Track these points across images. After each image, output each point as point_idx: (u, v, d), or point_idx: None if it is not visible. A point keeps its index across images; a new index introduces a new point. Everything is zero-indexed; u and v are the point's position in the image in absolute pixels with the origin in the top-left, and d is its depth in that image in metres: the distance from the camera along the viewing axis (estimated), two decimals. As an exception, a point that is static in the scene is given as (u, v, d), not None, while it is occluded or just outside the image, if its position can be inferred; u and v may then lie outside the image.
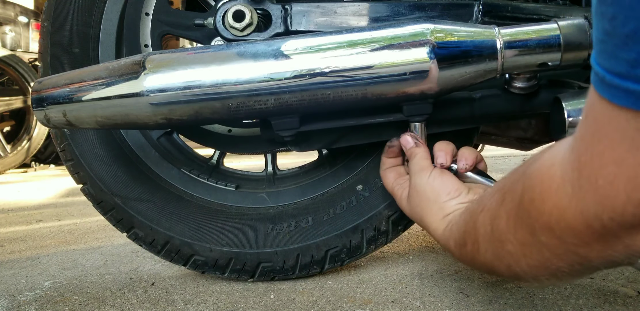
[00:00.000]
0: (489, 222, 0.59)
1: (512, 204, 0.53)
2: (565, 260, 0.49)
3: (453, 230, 0.72)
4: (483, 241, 0.61)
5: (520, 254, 0.53)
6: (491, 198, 0.60)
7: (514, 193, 0.53)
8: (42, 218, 1.92)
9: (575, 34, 0.78)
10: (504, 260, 0.57)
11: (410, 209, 0.85)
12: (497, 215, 0.56)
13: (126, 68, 0.78)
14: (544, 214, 0.47)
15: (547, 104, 0.88)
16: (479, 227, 0.61)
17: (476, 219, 0.63)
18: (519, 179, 0.53)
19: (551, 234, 0.47)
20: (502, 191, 0.57)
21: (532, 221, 0.49)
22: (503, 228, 0.55)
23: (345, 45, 0.78)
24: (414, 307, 0.90)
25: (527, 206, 0.49)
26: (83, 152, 1.01)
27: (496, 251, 0.58)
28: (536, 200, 0.47)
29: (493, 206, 0.58)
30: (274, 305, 0.93)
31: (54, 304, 0.97)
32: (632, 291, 0.93)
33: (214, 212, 1.03)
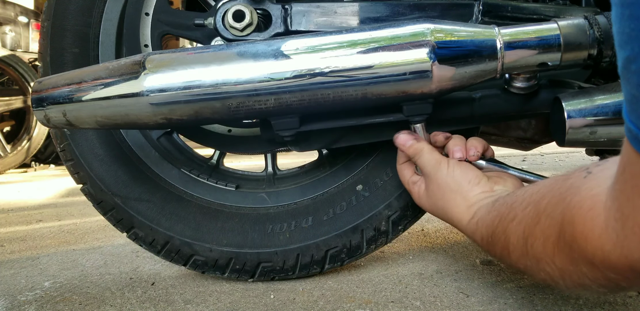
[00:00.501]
0: (522, 236, 0.61)
1: (551, 230, 0.55)
2: (605, 286, 0.51)
3: (479, 225, 0.74)
4: (515, 250, 0.63)
5: (558, 276, 0.56)
6: (524, 210, 0.61)
7: (552, 219, 0.54)
8: (42, 218, 1.92)
9: (575, 34, 0.78)
10: (539, 273, 0.60)
11: (431, 204, 0.85)
12: (533, 234, 0.58)
13: (126, 68, 0.78)
14: (586, 251, 0.49)
15: (547, 104, 0.88)
16: (510, 236, 0.64)
17: (506, 226, 0.65)
18: (557, 205, 0.54)
19: (594, 268, 0.49)
20: (536, 207, 0.59)
21: (573, 254, 0.51)
22: (539, 249, 0.58)
23: (345, 45, 0.78)
24: (414, 307, 0.90)
25: (568, 240, 0.51)
26: (83, 152, 1.01)
27: (530, 266, 0.61)
28: (578, 238, 0.49)
29: (527, 220, 0.60)
30: (274, 305, 0.93)
31: (54, 304, 0.97)
32: (632, 291, 0.93)
33: (214, 212, 1.03)
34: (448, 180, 0.81)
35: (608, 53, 0.79)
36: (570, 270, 0.53)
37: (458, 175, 0.81)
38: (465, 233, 0.80)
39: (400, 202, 1.00)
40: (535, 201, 0.60)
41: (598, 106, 0.79)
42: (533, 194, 0.62)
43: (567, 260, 0.53)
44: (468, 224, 0.77)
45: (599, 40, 0.78)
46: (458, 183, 0.80)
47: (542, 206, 0.57)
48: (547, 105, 0.88)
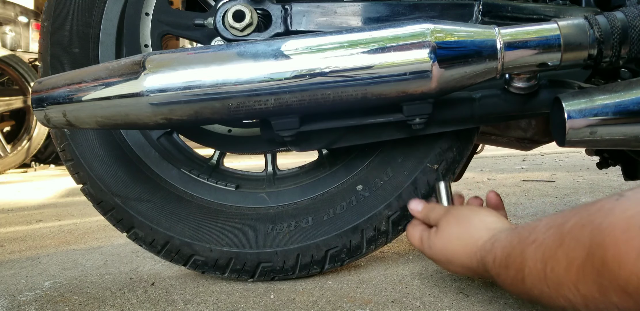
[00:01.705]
0: (542, 259, 0.58)
1: (576, 253, 0.51)
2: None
3: (495, 246, 0.70)
4: (531, 274, 0.60)
5: (582, 305, 0.53)
6: (545, 232, 0.59)
7: (578, 242, 0.51)
8: (42, 218, 1.92)
9: (575, 34, 0.78)
10: (556, 300, 0.57)
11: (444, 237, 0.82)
12: (554, 257, 0.55)
13: (126, 68, 0.78)
14: (619, 278, 0.46)
15: (547, 104, 0.88)
16: (528, 259, 0.60)
17: (524, 248, 0.62)
18: (584, 227, 0.51)
19: (626, 297, 0.46)
20: (560, 229, 0.56)
21: (603, 281, 0.48)
22: (561, 274, 0.54)
23: (345, 46, 0.78)
24: (414, 307, 0.90)
25: (597, 265, 0.48)
26: (83, 152, 1.01)
27: (547, 292, 0.58)
28: (610, 263, 0.46)
29: (548, 243, 0.57)
30: (274, 305, 0.93)
31: (54, 304, 0.97)
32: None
33: (214, 212, 1.03)
34: (464, 210, 0.84)
35: (608, 53, 0.79)
36: (596, 298, 0.50)
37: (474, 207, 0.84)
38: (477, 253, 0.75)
39: (400, 202, 1.00)
40: (559, 224, 0.57)
41: (598, 106, 0.79)
42: (557, 218, 0.59)
43: (594, 287, 0.49)
44: (483, 244, 0.74)
45: (599, 40, 0.78)
46: (476, 210, 0.82)
47: (567, 228, 0.54)
48: (547, 105, 0.88)
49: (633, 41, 0.79)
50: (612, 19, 0.79)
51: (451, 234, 0.81)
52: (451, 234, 0.81)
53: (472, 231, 0.78)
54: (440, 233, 0.83)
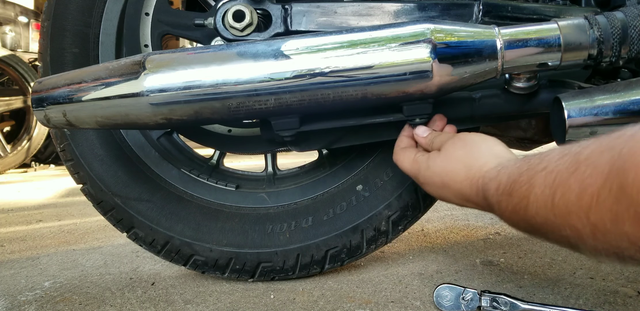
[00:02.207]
0: (550, 185, 0.54)
1: (591, 180, 0.48)
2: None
3: (501, 173, 0.66)
4: (535, 201, 0.56)
5: (589, 233, 0.49)
6: (558, 159, 0.55)
7: (595, 168, 0.48)
8: (42, 218, 1.92)
9: (575, 34, 0.78)
10: (561, 230, 0.53)
11: (447, 159, 0.78)
12: (565, 184, 0.51)
13: (126, 68, 0.78)
14: (637, 204, 0.42)
15: (547, 104, 0.88)
16: (535, 186, 0.57)
17: (533, 175, 0.58)
18: (603, 153, 0.48)
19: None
20: (575, 157, 0.52)
21: (619, 208, 0.44)
22: (571, 201, 0.50)
23: (345, 46, 0.78)
24: (414, 307, 0.90)
25: (614, 191, 0.45)
26: (83, 152, 1.01)
27: (553, 219, 0.54)
28: (628, 188, 0.43)
29: (560, 169, 0.53)
30: (274, 305, 0.93)
31: (54, 304, 0.97)
32: (632, 291, 0.93)
33: (214, 212, 1.03)
34: (472, 136, 0.78)
35: (608, 53, 0.79)
36: (607, 228, 0.46)
37: (484, 135, 0.78)
38: (481, 181, 0.71)
39: (400, 202, 1.00)
40: (575, 152, 0.53)
41: (598, 106, 0.79)
42: (572, 147, 0.54)
43: (608, 215, 0.46)
44: (488, 171, 0.70)
45: (599, 40, 0.78)
46: (483, 138, 0.77)
47: (583, 156, 0.50)
48: (547, 105, 0.88)
49: (633, 41, 0.79)
50: (612, 19, 0.79)
51: (456, 157, 0.76)
52: (456, 157, 0.76)
53: (478, 156, 0.74)
54: (444, 154, 0.78)
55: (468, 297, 0.85)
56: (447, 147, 0.78)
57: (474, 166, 0.73)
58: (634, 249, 0.45)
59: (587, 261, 1.11)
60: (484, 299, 0.84)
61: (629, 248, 0.45)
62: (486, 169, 0.70)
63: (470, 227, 1.47)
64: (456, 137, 0.79)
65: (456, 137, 0.79)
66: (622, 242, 0.46)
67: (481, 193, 0.70)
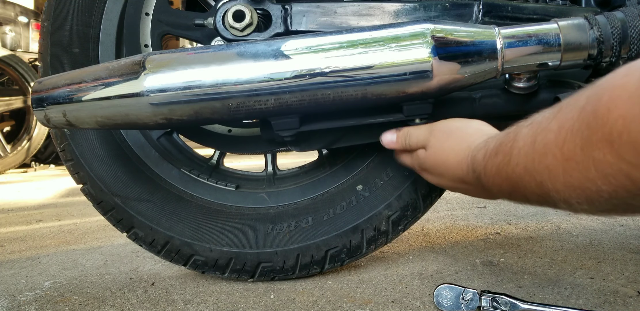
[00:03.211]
0: (532, 134, 0.55)
1: (569, 116, 0.48)
2: (611, 183, 0.44)
3: (488, 142, 0.67)
4: (518, 153, 0.57)
5: (561, 170, 0.49)
6: (543, 113, 0.56)
7: (574, 105, 0.49)
8: (42, 218, 1.92)
9: (575, 34, 0.78)
10: (536, 175, 0.53)
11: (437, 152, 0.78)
12: (546, 128, 0.52)
13: (126, 68, 0.78)
14: (605, 125, 0.42)
15: (547, 104, 0.87)
16: (519, 139, 0.57)
17: (519, 131, 0.59)
18: (582, 94, 0.48)
19: (607, 149, 0.43)
20: (559, 105, 0.53)
21: (589, 133, 0.45)
22: (550, 141, 0.51)
23: (345, 46, 0.78)
24: (414, 307, 0.90)
25: (587, 117, 0.45)
26: (83, 152, 1.01)
27: (531, 165, 0.54)
28: (600, 110, 0.43)
29: (543, 119, 0.54)
30: (274, 305, 0.93)
31: (54, 304, 0.97)
32: (632, 291, 0.93)
33: (214, 212, 1.03)
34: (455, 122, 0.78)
35: (608, 53, 0.79)
36: (577, 158, 0.46)
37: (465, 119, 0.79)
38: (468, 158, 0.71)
39: (400, 202, 1.00)
40: (558, 104, 0.53)
41: (598, 106, 0.79)
42: (556, 105, 0.54)
43: (578, 143, 0.46)
44: (477, 145, 0.70)
45: (599, 40, 0.78)
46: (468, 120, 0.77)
47: (566, 101, 0.51)
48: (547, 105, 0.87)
49: (633, 41, 0.79)
50: (612, 19, 0.79)
51: (444, 149, 0.77)
52: (444, 149, 0.77)
53: (465, 138, 0.74)
54: (432, 149, 0.79)
55: (468, 297, 0.85)
56: (432, 143, 0.79)
57: (462, 148, 0.73)
58: (600, 179, 0.45)
59: (587, 261, 1.11)
60: (484, 299, 0.84)
61: (595, 179, 0.45)
62: (474, 145, 0.71)
63: (470, 227, 1.47)
64: (436, 129, 0.79)
65: (437, 130, 0.79)
66: (590, 171, 0.45)
67: (470, 166, 0.70)
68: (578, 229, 1.39)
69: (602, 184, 0.45)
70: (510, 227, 1.44)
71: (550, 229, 1.40)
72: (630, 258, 1.13)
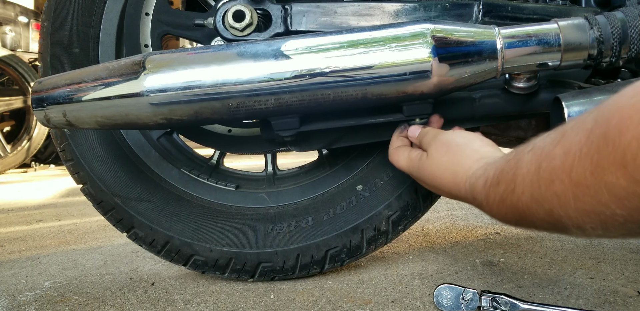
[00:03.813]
0: (536, 160, 0.53)
1: (575, 139, 0.47)
2: (626, 206, 0.43)
3: (488, 170, 0.66)
4: (522, 181, 0.55)
5: (571, 196, 0.47)
6: (544, 139, 0.54)
7: (579, 129, 0.47)
8: (42, 218, 1.92)
9: (575, 34, 0.78)
10: (544, 203, 0.52)
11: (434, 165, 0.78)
12: (551, 154, 0.50)
13: (126, 68, 0.78)
14: (617, 148, 0.41)
15: (547, 104, 0.88)
16: (522, 166, 0.56)
17: (520, 157, 0.57)
18: (586, 117, 0.47)
19: (620, 173, 0.41)
20: (562, 129, 0.51)
21: (599, 157, 0.43)
22: (556, 167, 0.49)
23: (345, 46, 0.78)
24: (414, 307, 0.90)
25: (596, 141, 0.43)
26: (83, 152, 1.01)
27: (538, 192, 0.52)
28: (610, 133, 0.42)
29: (546, 144, 0.52)
30: (274, 305, 0.93)
31: (54, 304, 0.97)
32: (632, 291, 0.93)
33: (214, 212, 1.03)
34: (456, 138, 0.77)
35: (608, 53, 0.79)
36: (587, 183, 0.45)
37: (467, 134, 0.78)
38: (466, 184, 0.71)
39: (400, 202, 1.00)
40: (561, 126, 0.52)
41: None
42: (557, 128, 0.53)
43: (589, 168, 0.44)
44: (474, 172, 0.70)
45: (599, 40, 0.78)
46: (469, 139, 0.77)
47: (570, 125, 0.49)
48: (547, 105, 0.88)
49: (633, 41, 0.79)
50: (612, 19, 0.79)
51: (440, 164, 0.77)
52: (440, 164, 0.77)
53: (462, 161, 0.73)
54: (430, 160, 0.79)
55: (468, 297, 0.85)
56: (432, 152, 0.79)
57: (459, 172, 0.73)
58: (614, 203, 0.43)
59: (587, 261, 1.11)
60: (484, 299, 0.84)
61: (609, 203, 0.44)
62: (472, 171, 0.71)
63: (470, 227, 1.47)
64: (438, 140, 0.79)
65: (438, 141, 0.79)
66: (602, 196, 0.44)
67: (470, 194, 0.70)
68: (578, 229, 1.38)
69: (617, 208, 0.44)
70: (510, 227, 1.44)
71: (550, 229, 1.40)
72: (630, 258, 1.13)
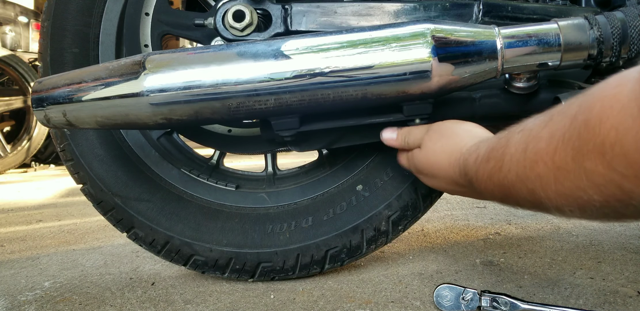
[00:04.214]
0: (524, 141, 0.55)
1: (560, 124, 0.49)
2: (602, 193, 0.44)
3: (480, 147, 0.67)
4: (509, 160, 0.57)
5: (552, 178, 0.49)
6: (534, 120, 0.56)
7: (565, 114, 0.49)
8: (42, 218, 1.92)
9: (575, 34, 0.78)
10: (528, 182, 0.53)
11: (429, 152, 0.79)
12: (538, 136, 0.52)
13: (126, 68, 0.78)
14: (597, 136, 0.42)
15: (547, 104, 0.87)
16: (511, 145, 0.57)
17: (510, 137, 0.59)
18: (573, 103, 0.48)
19: (599, 160, 0.43)
20: (550, 112, 0.53)
21: (580, 143, 0.45)
22: (541, 149, 0.51)
23: (345, 46, 0.78)
24: (414, 307, 0.90)
25: (578, 127, 0.45)
26: (83, 152, 1.01)
27: (522, 172, 0.54)
28: (592, 120, 0.43)
29: (535, 126, 0.54)
30: (274, 305, 0.93)
31: (54, 304, 0.97)
32: (632, 291, 0.93)
33: (214, 212, 1.03)
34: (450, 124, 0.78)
35: (608, 53, 0.79)
36: (568, 167, 0.47)
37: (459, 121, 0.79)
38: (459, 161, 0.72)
39: (400, 202, 1.00)
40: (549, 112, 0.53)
41: (598, 106, 0.79)
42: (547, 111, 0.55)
43: (570, 153, 0.46)
44: (469, 148, 0.70)
45: (599, 40, 0.78)
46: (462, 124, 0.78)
47: (557, 108, 0.52)
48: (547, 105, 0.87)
49: (633, 41, 0.79)
50: (612, 19, 0.79)
51: (436, 149, 0.78)
52: (436, 149, 0.78)
53: (457, 141, 0.75)
54: (425, 150, 0.80)
55: (468, 297, 0.85)
56: (426, 143, 0.79)
57: (454, 151, 0.74)
58: (592, 189, 0.45)
59: (587, 261, 1.11)
60: (484, 299, 0.84)
61: (587, 189, 0.45)
62: (465, 149, 0.71)
63: (470, 227, 1.47)
64: (431, 130, 0.80)
65: (431, 131, 0.79)
66: (581, 181, 0.45)
67: (463, 170, 0.71)
68: (578, 229, 1.39)
69: (594, 193, 0.45)
70: (510, 227, 1.44)
71: (550, 229, 1.40)
72: (630, 258, 1.13)
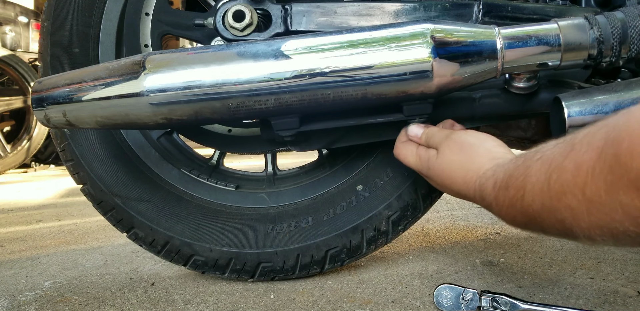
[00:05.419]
0: (545, 170, 0.54)
1: (586, 156, 0.48)
2: (639, 224, 0.44)
3: (497, 171, 0.67)
4: (532, 189, 0.57)
5: (584, 210, 0.49)
6: (553, 148, 0.55)
7: (589, 146, 0.48)
8: (42, 218, 1.92)
9: (575, 34, 0.78)
10: (556, 213, 0.53)
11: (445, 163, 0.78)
12: (561, 166, 0.52)
13: (126, 68, 0.78)
14: (631, 171, 0.42)
15: (547, 104, 0.88)
16: (531, 174, 0.57)
17: (529, 164, 0.58)
18: (598, 131, 0.48)
19: (635, 194, 0.43)
20: (570, 141, 0.52)
21: (613, 177, 0.44)
22: (567, 180, 0.50)
23: (345, 46, 0.78)
24: (414, 307, 0.90)
25: (608, 161, 0.45)
26: (83, 152, 1.01)
27: (549, 202, 0.54)
28: (623, 155, 0.43)
29: (555, 155, 0.54)
30: (274, 305, 0.93)
31: (54, 304, 0.97)
32: (632, 291, 0.93)
33: (214, 212, 1.03)
34: (469, 138, 0.77)
35: (608, 53, 0.79)
36: (601, 200, 0.46)
37: (480, 135, 0.78)
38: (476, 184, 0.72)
39: (400, 202, 1.00)
40: (570, 137, 0.53)
41: (598, 105, 0.79)
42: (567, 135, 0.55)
43: (602, 187, 0.46)
44: (486, 171, 0.70)
45: (599, 40, 0.78)
46: (482, 139, 0.77)
47: (578, 138, 0.51)
48: (547, 105, 0.88)
49: (633, 41, 0.79)
50: (612, 19, 0.79)
51: (453, 162, 0.77)
52: (453, 162, 0.77)
53: (475, 160, 0.74)
54: (441, 158, 0.79)
55: (468, 297, 0.85)
56: (444, 150, 0.78)
57: (471, 170, 0.73)
58: (628, 221, 0.45)
59: (587, 261, 1.11)
60: (484, 299, 0.84)
61: (623, 221, 0.45)
62: (483, 171, 0.71)
63: (470, 227, 1.47)
64: (451, 139, 0.79)
65: (451, 140, 0.78)
66: (616, 214, 0.45)
67: (478, 193, 0.71)
68: (578, 229, 1.38)
69: (630, 225, 0.45)
70: (510, 227, 1.44)
71: (550, 229, 1.40)
72: (630, 258, 1.13)
